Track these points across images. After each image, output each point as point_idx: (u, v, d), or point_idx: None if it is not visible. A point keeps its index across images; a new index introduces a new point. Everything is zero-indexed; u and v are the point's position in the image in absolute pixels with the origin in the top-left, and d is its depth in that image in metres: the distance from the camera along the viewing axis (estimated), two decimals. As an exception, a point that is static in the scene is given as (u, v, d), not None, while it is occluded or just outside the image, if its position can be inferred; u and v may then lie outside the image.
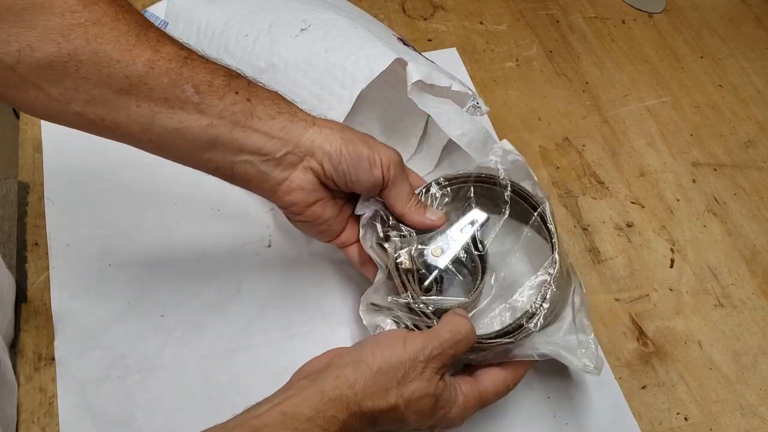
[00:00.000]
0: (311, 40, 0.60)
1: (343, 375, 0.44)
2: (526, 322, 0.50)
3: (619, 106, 0.77)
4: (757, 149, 0.74)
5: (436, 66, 0.64)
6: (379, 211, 0.53)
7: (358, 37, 0.61)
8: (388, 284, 0.52)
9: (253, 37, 0.62)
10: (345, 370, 0.44)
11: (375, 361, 0.44)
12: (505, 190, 0.56)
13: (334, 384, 0.43)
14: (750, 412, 0.57)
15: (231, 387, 0.55)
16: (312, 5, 0.64)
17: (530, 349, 0.50)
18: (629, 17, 0.86)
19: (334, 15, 0.63)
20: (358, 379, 0.43)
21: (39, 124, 0.68)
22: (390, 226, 0.53)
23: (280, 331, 0.58)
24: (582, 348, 0.50)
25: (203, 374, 0.55)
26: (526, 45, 0.82)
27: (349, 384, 0.43)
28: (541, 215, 0.55)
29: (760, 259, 0.66)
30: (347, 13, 0.65)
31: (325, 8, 0.64)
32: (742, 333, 0.61)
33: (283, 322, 0.59)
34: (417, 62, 0.61)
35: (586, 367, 0.50)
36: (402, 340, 0.45)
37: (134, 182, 0.65)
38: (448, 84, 0.61)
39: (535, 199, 0.56)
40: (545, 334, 0.50)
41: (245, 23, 0.63)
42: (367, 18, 0.68)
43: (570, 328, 0.51)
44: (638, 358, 0.59)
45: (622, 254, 0.65)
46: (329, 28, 0.61)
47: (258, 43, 0.61)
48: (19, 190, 0.65)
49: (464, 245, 0.53)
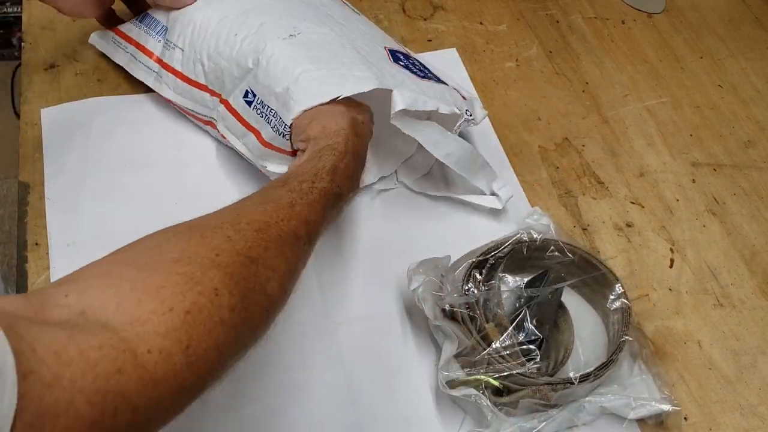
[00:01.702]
0: (297, 45, 0.60)
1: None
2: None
3: (618, 106, 0.77)
4: (757, 149, 0.75)
5: (426, 83, 0.62)
6: (435, 280, 0.55)
7: (346, 56, 0.60)
8: (460, 353, 0.54)
9: (243, 35, 0.61)
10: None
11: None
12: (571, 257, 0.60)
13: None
14: (749, 411, 0.57)
15: (231, 387, 0.55)
16: (308, 16, 0.63)
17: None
18: (629, 17, 0.86)
19: (327, 30, 0.62)
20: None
21: (39, 124, 0.68)
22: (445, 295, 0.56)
23: (280, 330, 0.58)
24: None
25: (203, 374, 0.55)
26: (526, 45, 0.82)
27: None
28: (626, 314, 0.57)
29: (760, 259, 0.66)
30: (341, 28, 0.63)
31: (320, 23, 0.63)
32: (741, 333, 0.61)
33: (283, 322, 0.59)
34: (403, 86, 0.59)
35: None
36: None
37: (134, 182, 0.65)
38: (435, 107, 0.59)
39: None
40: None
41: (237, 21, 0.62)
42: (362, 30, 0.66)
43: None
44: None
45: (621, 254, 0.65)
46: (319, 42, 0.60)
47: (246, 42, 0.61)
48: (20, 190, 0.65)
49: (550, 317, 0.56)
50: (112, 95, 0.71)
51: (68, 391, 0.29)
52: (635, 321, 0.58)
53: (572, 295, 0.61)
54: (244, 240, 0.41)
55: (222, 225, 0.41)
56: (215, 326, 0.36)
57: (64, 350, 0.30)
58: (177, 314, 0.35)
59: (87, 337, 0.31)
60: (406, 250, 0.62)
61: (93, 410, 0.30)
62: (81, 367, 0.30)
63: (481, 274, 0.57)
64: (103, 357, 0.31)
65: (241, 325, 0.38)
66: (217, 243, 0.40)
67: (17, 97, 0.82)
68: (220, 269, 0.38)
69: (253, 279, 0.40)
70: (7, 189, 1.58)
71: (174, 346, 0.34)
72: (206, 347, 0.35)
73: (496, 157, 0.71)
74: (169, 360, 0.34)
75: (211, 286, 0.37)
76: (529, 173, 0.70)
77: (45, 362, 0.29)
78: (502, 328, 0.53)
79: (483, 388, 0.52)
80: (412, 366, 0.57)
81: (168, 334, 0.34)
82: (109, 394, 0.31)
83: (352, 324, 0.59)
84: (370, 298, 0.60)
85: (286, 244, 0.43)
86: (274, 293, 0.41)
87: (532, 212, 0.63)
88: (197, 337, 0.35)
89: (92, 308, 0.33)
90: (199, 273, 0.37)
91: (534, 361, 0.52)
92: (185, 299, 0.35)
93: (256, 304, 0.40)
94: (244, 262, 0.39)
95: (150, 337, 0.33)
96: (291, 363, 0.57)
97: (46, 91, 0.71)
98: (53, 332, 0.30)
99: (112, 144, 0.68)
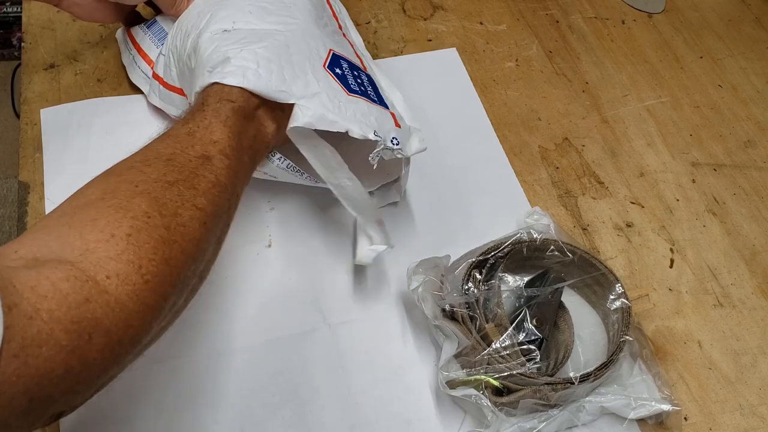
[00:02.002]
0: (224, 38, 0.56)
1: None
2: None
3: (618, 106, 0.77)
4: (757, 149, 0.75)
5: (350, 99, 0.56)
6: (435, 279, 0.55)
7: (267, 49, 0.55)
8: (460, 353, 0.54)
9: (193, 35, 0.59)
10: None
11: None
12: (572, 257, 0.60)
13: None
14: (749, 411, 0.57)
15: (231, 387, 0.55)
16: (257, 11, 0.59)
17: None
18: (629, 17, 0.86)
19: (266, 26, 0.58)
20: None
21: (39, 124, 0.68)
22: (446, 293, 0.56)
23: (280, 330, 0.58)
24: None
25: (203, 374, 0.55)
26: (526, 45, 0.82)
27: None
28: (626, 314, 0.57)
29: (760, 259, 0.66)
30: (292, 25, 0.59)
31: (267, 16, 0.59)
32: (741, 333, 0.61)
33: (283, 322, 0.59)
34: (314, 98, 0.54)
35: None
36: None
37: (134, 182, 0.65)
38: (343, 129, 0.54)
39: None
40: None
41: (191, 21, 0.60)
42: (316, 32, 0.61)
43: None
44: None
45: (621, 254, 0.65)
46: (252, 33, 0.57)
47: (189, 40, 0.59)
48: (19, 190, 0.65)
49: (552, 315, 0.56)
50: (112, 95, 0.71)
51: (47, 323, 0.32)
52: (635, 321, 0.58)
53: (572, 295, 0.61)
54: (157, 170, 0.43)
55: (133, 164, 0.44)
56: (158, 244, 0.39)
57: (39, 285, 0.33)
58: (120, 238, 0.37)
59: (53, 271, 0.34)
60: (406, 250, 0.62)
61: (70, 338, 0.33)
62: (56, 299, 0.33)
63: (481, 273, 0.57)
64: (71, 288, 0.34)
65: (182, 239, 0.41)
66: (133, 176, 0.42)
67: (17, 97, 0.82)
68: (144, 196, 0.41)
69: (178, 198, 0.42)
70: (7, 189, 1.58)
71: (127, 267, 0.37)
72: (156, 263, 0.38)
73: (496, 157, 0.71)
74: (128, 281, 0.37)
75: (141, 210, 0.39)
76: (529, 173, 0.70)
77: (24, 296, 0.31)
78: (502, 328, 0.53)
79: (483, 388, 0.52)
80: (412, 366, 0.57)
81: (118, 256, 0.37)
82: (83, 322, 0.34)
83: (352, 324, 0.59)
84: (370, 298, 0.60)
85: (199, 165, 0.45)
86: (205, 206, 0.43)
87: (532, 212, 0.63)
88: (145, 256, 0.38)
89: (42, 252, 0.36)
90: (125, 202, 0.40)
91: (534, 361, 0.52)
92: (122, 225, 0.38)
93: (191, 219, 0.42)
94: (164, 186, 0.42)
95: (103, 262, 0.36)
96: (291, 363, 0.57)
97: (46, 91, 0.72)
98: (24, 271, 0.33)
99: (112, 144, 0.68)
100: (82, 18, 0.67)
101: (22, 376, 0.30)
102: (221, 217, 0.46)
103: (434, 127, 0.72)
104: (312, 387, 0.56)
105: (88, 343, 0.34)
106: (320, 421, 0.54)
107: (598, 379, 0.53)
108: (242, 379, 0.55)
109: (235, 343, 0.57)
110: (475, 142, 0.72)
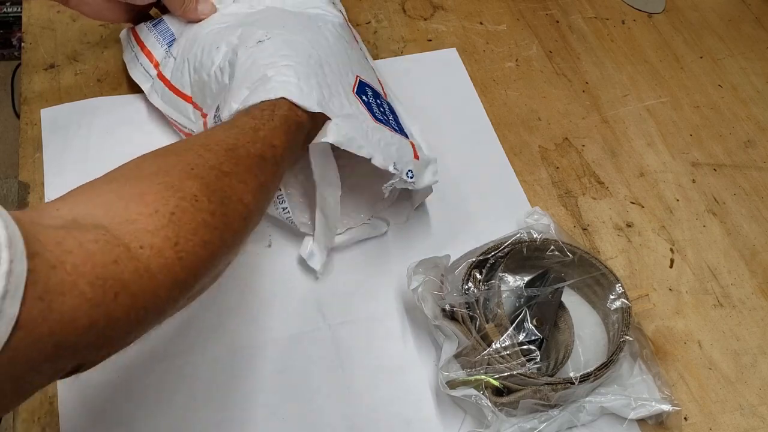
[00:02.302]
0: (262, 49, 0.57)
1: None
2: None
3: (618, 106, 0.77)
4: (757, 149, 0.75)
5: (376, 127, 0.56)
6: (435, 279, 0.55)
7: (305, 64, 0.55)
8: (460, 353, 0.54)
9: (223, 50, 0.59)
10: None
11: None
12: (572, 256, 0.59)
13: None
14: (750, 411, 0.57)
15: (231, 387, 0.55)
16: (290, 25, 0.60)
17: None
18: (629, 17, 0.86)
19: (301, 38, 0.58)
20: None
21: (39, 124, 0.68)
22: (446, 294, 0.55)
23: (281, 331, 0.58)
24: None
25: (204, 374, 0.55)
26: (526, 45, 0.82)
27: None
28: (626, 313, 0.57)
29: (760, 259, 0.66)
30: (321, 43, 0.59)
31: (299, 32, 0.59)
32: (741, 333, 0.61)
33: (283, 322, 0.59)
34: (346, 119, 0.54)
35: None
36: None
37: (134, 182, 0.65)
38: (368, 156, 0.53)
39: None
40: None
41: (219, 34, 0.61)
42: (345, 53, 0.61)
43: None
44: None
45: (621, 254, 0.65)
46: (287, 44, 0.57)
47: (221, 55, 0.59)
48: (19, 190, 0.65)
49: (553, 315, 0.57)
50: (112, 95, 0.71)
51: (71, 274, 0.32)
52: (635, 321, 0.58)
53: (572, 295, 0.61)
54: (215, 157, 0.44)
55: (193, 147, 0.45)
56: (199, 227, 0.40)
57: (64, 241, 0.33)
58: (163, 215, 0.38)
59: (83, 233, 0.34)
60: (406, 250, 0.62)
61: (95, 292, 0.33)
62: (81, 256, 0.33)
63: (481, 273, 0.57)
64: (100, 249, 0.34)
65: (223, 227, 0.42)
66: (191, 159, 0.43)
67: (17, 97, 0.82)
68: (197, 179, 0.41)
69: (229, 189, 0.43)
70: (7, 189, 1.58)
71: (163, 243, 0.37)
72: (193, 244, 0.39)
73: (496, 157, 0.71)
74: (161, 254, 0.37)
75: (191, 192, 0.40)
76: (529, 173, 0.70)
77: (48, 248, 0.32)
78: (502, 328, 0.53)
79: (483, 388, 0.52)
80: (412, 366, 0.57)
81: (157, 231, 0.37)
82: (108, 280, 0.34)
83: (352, 324, 0.59)
84: (370, 298, 0.60)
85: (254, 163, 0.46)
86: (249, 203, 0.45)
87: (532, 212, 0.63)
88: (184, 235, 0.38)
89: (82, 215, 0.36)
90: (177, 182, 0.40)
91: (534, 362, 0.52)
92: (168, 203, 0.39)
93: (234, 211, 0.43)
94: (218, 175, 0.43)
95: (140, 233, 0.37)
96: (291, 363, 0.57)
97: (46, 91, 0.72)
98: (53, 229, 0.33)
99: (112, 144, 0.68)
100: (91, 16, 0.67)
101: (48, 319, 0.31)
102: (258, 217, 0.48)
103: (434, 127, 0.72)
104: (312, 387, 0.56)
105: (114, 302, 0.34)
106: (320, 421, 0.54)
107: (599, 379, 0.53)
108: (242, 379, 0.55)
109: (236, 343, 0.57)
110: (475, 142, 0.72)
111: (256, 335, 0.58)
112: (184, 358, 0.56)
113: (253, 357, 0.57)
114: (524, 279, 0.59)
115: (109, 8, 0.66)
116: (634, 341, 0.55)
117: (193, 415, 0.54)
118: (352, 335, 0.58)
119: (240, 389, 0.55)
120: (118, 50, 0.74)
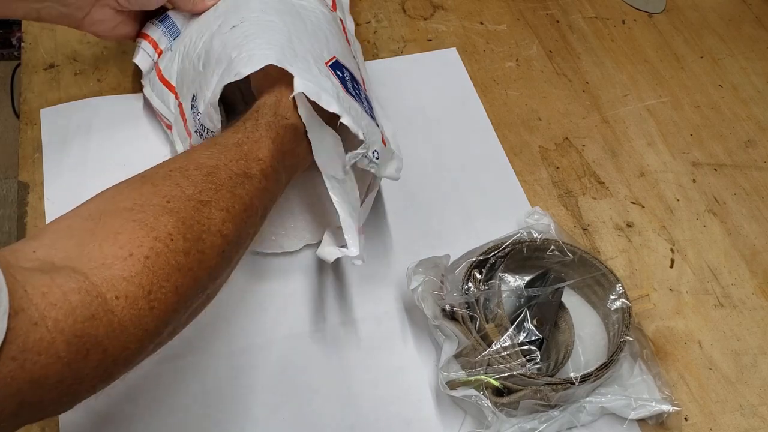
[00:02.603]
0: (232, 33, 0.56)
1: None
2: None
3: (619, 106, 0.77)
4: (757, 149, 0.74)
5: (347, 97, 0.54)
6: (435, 279, 0.55)
7: (274, 38, 0.54)
8: (460, 354, 0.54)
9: (204, 38, 0.59)
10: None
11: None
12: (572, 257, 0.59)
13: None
14: (750, 412, 0.57)
15: (232, 387, 0.55)
16: (267, 9, 0.59)
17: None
18: (629, 17, 0.86)
19: (275, 18, 0.57)
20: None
21: (39, 124, 0.68)
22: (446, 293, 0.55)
23: (281, 331, 0.58)
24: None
25: (204, 374, 0.55)
26: (526, 45, 0.82)
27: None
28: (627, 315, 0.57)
29: (760, 259, 0.66)
30: (299, 24, 0.58)
31: (273, 13, 0.58)
32: (742, 333, 0.61)
33: (283, 322, 0.59)
34: (315, 82, 0.51)
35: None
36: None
37: (134, 182, 0.65)
38: (338, 111, 0.50)
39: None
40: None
41: (206, 23, 0.61)
42: (325, 37, 0.59)
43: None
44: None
45: (622, 254, 0.65)
46: (259, 25, 0.56)
47: (200, 42, 0.60)
48: (19, 190, 0.64)
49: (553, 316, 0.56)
50: (112, 95, 0.71)
51: (51, 332, 0.32)
52: (635, 321, 0.58)
53: (572, 295, 0.61)
54: (193, 185, 0.42)
55: (171, 173, 0.43)
56: (173, 271, 0.38)
57: (50, 292, 0.32)
58: (137, 259, 0.37)
59: (65, 280, 0.34)
60: (406, 250, 0.62)
61: (69, 351, 0.33)
62: (64, 310, 0.32)
63: (481, 273, 0.57)
64: (81, 301, 0.33)
65: (197, 267, 0.40)
66: (168, 190, 0.42)
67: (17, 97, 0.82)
68: (173, 215, 0.40)
69: (207, 222, 0.41)
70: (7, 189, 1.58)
71: (137, 291, 0.36)
72: (166, 291, 0.38)
73: (496, 157, 0.71)
74: (134, 305, 0.36)
75: (166, 231, 0.39)
76: (529, 173, 0.70)
77: (34, 302, 0.31)
78: (502, 329, 0.53)
79: (483, 388, 0.52)
80: (412, 366, 0.57)
81: (132, 278, 0.36)
82: (84, 337, 0.33)
83: (352, 324, 0.59)
84: (370, 298, 0.60)
85: (238, 184, 0.45)
86: (229, 233, 0.43)
87: (532, 212, 0.63)
88: (157, 282, 0.37)
89: (60, 257, 0.36)
90: (152, 219, 0.39)
91: (534, 362, 0.52)
92: (143, 245, 0.38)
93: (211, 247, 0.42)
94: (195, 206, 0.41)
95: (116, 281, 0.36)
96: (291, 363, 0.57)
97: (46, 91, 0.71)
98: (39, 276, 0.33)
99: (112, 144, 0.68)
100: (106, 36, 0.65)
101: (17, 379, 0.30)
102: (243, 244, 0.46)
103: (434, 127, 0.72)
104: (312, 387, 0.56)
105: (85, 359, 0.34)
106: (320, 421, 0.54)
107: (599, 380, 0.53)
108: (242, 379, 0.55)
109: (236, 343, 0.57)
110: (475, 142, 0.72)
111: (256, 335, 0.58)
112: (184, 359, 0.56)
113: (253, 357, 0.57)
114: (524, 279, 0.59)
115: (124, 22, 0.65)
116: (634, 341, 0.55)
117: (193, 415, 0.54)
118: (352, 335, 0.58)
119: (240, 389, 0.55)
120: (118, 50, 0.74)
